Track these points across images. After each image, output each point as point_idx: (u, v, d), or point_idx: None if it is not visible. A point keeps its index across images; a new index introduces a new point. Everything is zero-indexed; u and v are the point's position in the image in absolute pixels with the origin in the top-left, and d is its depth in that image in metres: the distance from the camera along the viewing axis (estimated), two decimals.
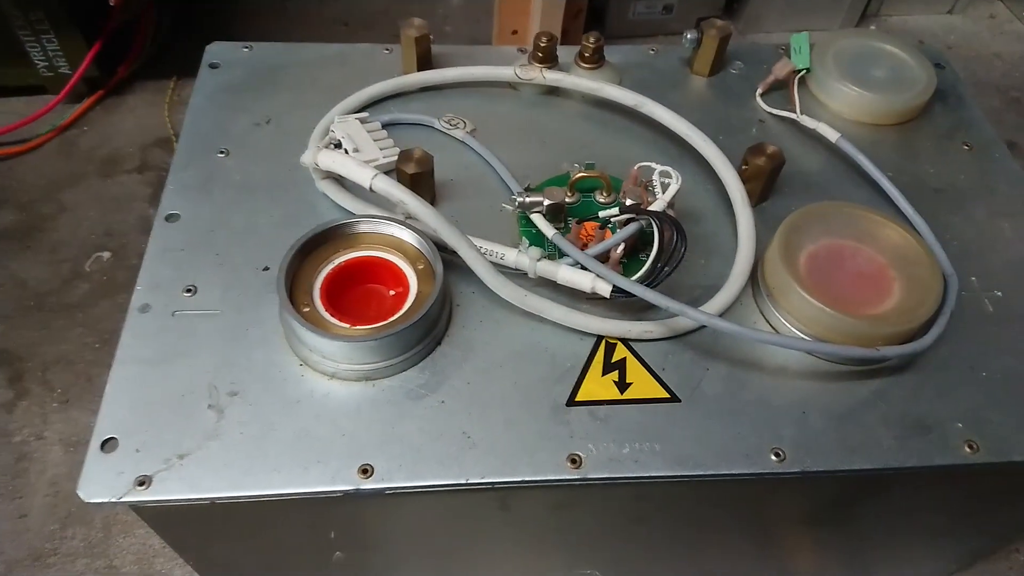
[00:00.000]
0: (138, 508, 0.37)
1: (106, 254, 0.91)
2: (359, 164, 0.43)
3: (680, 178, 0.44)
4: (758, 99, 0.56)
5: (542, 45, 0.53)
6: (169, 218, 0.46)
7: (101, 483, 0.35)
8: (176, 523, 0.41)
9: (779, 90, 0.57)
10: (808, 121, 0.53)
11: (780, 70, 0.56)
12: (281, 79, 0.55)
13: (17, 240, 0.91)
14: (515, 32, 1.04)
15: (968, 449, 0.39)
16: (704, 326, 0.42)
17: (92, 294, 0.87)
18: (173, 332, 0.41)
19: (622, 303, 0.43)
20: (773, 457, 0.38)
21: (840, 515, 0.47)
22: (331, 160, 0.44)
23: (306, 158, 0.45)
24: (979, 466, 0.39)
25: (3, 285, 0.87)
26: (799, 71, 0.56)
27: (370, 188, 0.42)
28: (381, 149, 0.49)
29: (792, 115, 0.54)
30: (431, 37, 0.54)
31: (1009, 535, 0.57)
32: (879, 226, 0.44)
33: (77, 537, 0.70)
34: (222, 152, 0.50)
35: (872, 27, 1.23)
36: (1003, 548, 0.64)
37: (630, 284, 0.40)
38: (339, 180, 0.46)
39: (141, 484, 0.35)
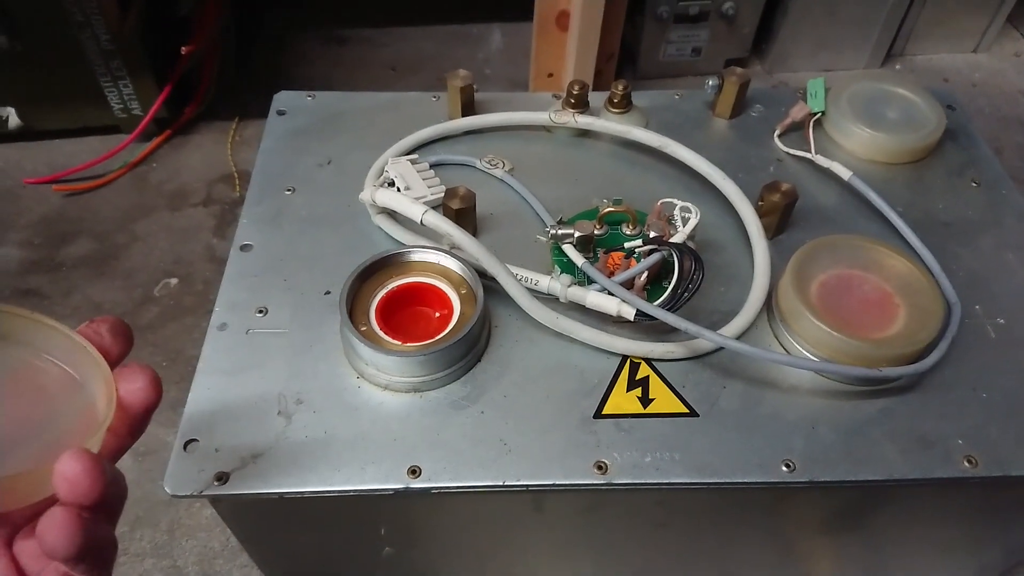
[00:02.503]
0: (216, 501, 0.42)
1: (174, 280, 0.98)
2: (411, 201, 0.48)
3: (699, 213, 0.48)
4: (776, 140, 0.60)
5: (575, 92, 0.58)
6: (243, 248, 0.51)
7: (185, 479, 0.40)
8: (247, 516, 0.45)
9: (796, 131, 0.60)
10: (822, 160, 0.57)
11: (797, 113, 0.60)
12: (340, 124, 0.60)
13: (93, 267, 0.99)
14: (551, 75, 1.09)
15: (967, 464, 0.41)
16: (722, 347, 0.46)
17: (161, 317, 0.93)
18: (247, 348, 0.46)
19: (646, 326, 0.46)
20: (784, 467, 0.41)
21: (854, 524, 0.49)
22: (386, 198, 0.49)
23: (364, 196, 0.51)
24: (978, 479, 0.41)
25: (80, 308, 0.95)
26: (814, 114, 0.59)
27: (420, 222, 0.47)
28: (429, 187, 0.54)
29: (808, 155, 0.58)
30: (474, 86, 0.60)
31: None
32: (885, 257, 0.48)
33: (144, 539, 0.74)
34: (289, 190, 0.55)
35: (897, 66, 1.26)
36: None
37: (653, 308, 0.43)
38: (392, 214, 0.51)
39: (219, 480, 0.39)
